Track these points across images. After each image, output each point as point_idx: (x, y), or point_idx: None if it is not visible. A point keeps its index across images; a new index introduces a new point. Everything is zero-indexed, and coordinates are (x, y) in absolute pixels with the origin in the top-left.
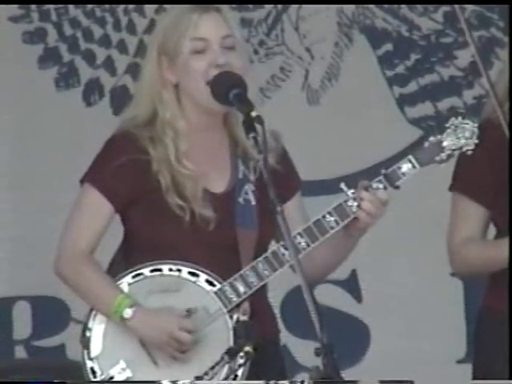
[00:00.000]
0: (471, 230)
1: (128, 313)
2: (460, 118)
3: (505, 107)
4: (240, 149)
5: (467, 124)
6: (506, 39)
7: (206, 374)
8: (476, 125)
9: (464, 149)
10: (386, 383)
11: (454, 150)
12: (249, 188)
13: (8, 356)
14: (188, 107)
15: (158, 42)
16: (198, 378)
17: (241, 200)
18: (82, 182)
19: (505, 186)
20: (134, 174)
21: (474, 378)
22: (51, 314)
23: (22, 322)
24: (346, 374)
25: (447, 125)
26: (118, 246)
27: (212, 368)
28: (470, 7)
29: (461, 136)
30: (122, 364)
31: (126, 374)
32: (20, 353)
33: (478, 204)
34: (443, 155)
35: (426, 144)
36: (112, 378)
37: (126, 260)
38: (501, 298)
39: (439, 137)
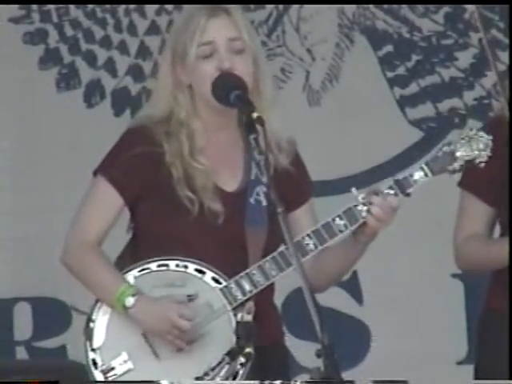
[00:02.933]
0: (476, 227)
1: (130, 301)
2: (475, 130)
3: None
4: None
5: (482, 137)
6: (507, 41)
7: (206, 374)
8: (491, 137)
9: (477, 160)
10: (380, 383)
11: (466, 160)
12: (260, 189)
13: (9, 357)
14: (201, 107)
15: (171, 43)
16: (199, 378)
17: (252, 200)
18: (94, 173)
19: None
20: (145, 167)
21: (477, 378)
22: (52, 315)
23: (22, 323)
24: (347, 375)
25: (462, 136)
26: (127, 240)
27: (213, 369)
28: (470, 8)
29: (475, 148)
30: (124, 356)
31: (128, 366)
32: (21, 354)
33: (483, 202)
34: (456, 165)
35: (440, 153)
36: (113, 368)
37: (134, 254)
38: (504, 299)
39: (453, 147)
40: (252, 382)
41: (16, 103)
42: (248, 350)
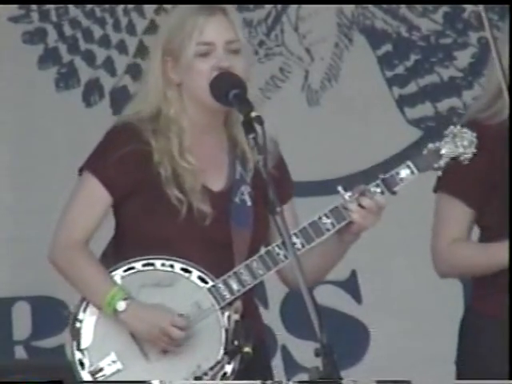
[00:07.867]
0: (457, 231)
1: (121, 306)
2: (459, 127)
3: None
4: (239, 150)
5: (466, 133)
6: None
7: (205, 374)
8: (475, 134)
9: (462, 157)
10: (383, 383)
11: (451, 158)
12: (245, 189)
13: (8, 356)
14: (190, 106)
15: (162, 42)
16: (198, 378)
17: (237, 200)
18: (81, 170)
19: (495, 186)
20: (134, 165)
21: (458, 378)
22: (51, 314)
23: (21, 323)
24: (346, 375)
25: (446, 132)
26: (110, 238)
27: (212, 368)
28: (469, 8)
29: (459, 144)
30: (113, 356)
31: (116, 367)
32: (20, 353)
33: (463, 203)
34: (441, 163)
35: (425, 151)
36: (101, 369)
37: (117, 253)
38: (482, 300)
39: (438, 144)
40: (252, 381)
41: (15, 103)
42: (247, 349)
